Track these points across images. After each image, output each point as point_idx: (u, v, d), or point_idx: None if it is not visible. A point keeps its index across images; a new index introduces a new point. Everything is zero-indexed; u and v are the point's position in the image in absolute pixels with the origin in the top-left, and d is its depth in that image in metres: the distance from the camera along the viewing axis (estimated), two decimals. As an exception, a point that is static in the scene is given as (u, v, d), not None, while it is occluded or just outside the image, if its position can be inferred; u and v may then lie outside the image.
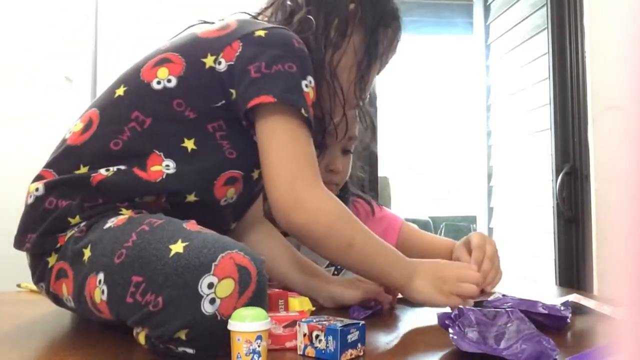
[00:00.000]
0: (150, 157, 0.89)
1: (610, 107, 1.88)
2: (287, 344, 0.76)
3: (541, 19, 2.53)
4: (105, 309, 0.77)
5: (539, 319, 0.84)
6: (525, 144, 2.70)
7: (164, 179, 0.88)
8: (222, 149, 0.93)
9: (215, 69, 0.91)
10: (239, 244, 0.75)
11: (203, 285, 0.69)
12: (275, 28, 0.95)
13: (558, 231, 2.40)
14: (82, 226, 0.85)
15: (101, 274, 0.77)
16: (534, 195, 2.62)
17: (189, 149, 0.91)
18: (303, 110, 0.89)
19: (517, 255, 2.68)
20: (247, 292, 0.71)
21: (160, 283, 0.71)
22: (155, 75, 0.92)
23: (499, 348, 0.72)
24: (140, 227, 0.78)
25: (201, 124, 0.92)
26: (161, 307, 0.71)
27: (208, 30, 0.97)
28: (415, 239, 1.38)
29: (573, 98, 2.36)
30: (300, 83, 0.91)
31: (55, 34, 2.11)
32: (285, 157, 0.90)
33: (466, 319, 0.78)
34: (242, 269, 0.71)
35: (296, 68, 0.91)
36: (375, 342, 0.81)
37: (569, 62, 2.38)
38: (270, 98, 0.88)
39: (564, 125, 2.40)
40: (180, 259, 0.72)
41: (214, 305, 0.69)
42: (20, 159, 1.70)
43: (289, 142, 0.90)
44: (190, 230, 0.77)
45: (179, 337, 0.71)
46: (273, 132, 0.90)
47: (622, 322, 0.27)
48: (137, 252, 0.75)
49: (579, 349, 0.75)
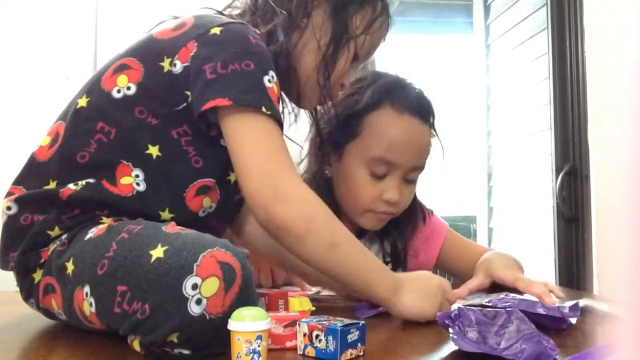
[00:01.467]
0: (118, 168, 0.87)
1: (610, 107, 1.88)
2: (287, 343, 0.76)
3: (541, 19, 2.53)
4: (96, 320, 0.78)
5: (538, 319, 0.84)
6: (525, 144, 2.70)
7: (134, 195, 0.87)
8: (187, 156, 0.90)
9: (172, 71, 0.88)
10: (220, 240, 0.74)
11: (187, 287, 0.69)
12: (231, 24, 0.91)
13: (558, 231, 2.40)
14: (63, 239, 0.84)
15: (87, 286, 0.77)
16: (534, 195, 2.62)
17: (154, 156, 0.88)
18: (264, 109, 0.86)
19: (517, 255, 2.67)
20: (233, 287, 0.70)
21: (145, 290, 0.71)
22: (115, 83, 0.90)
23: (499, 348, 0.72)
24: (119, 236, 0.78)
25: (165, 129, 0.89)
26: (148, 314, 0.70)
27: (164, 30, 0.93)
28: (459, 248, 1.34)
29: (573, 98, 2.36)
30: (260, 80, 0.87)
31: (55, 34, 2.11)
32: (256, 151, 0.86)
33: (466, 319, 0.78)
34: (225, 266, 0.70)
35: (254, 65, 0.87)
36: (376, 342, 0.81)
37: (569, 62, 2.38)
38: (225, 101, 0.84)
39: (564, 125, 2.40)
40: (162, 264, 0.71)
41: (201, 306, 0.69)
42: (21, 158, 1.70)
43: (256, 138, 0.87)
44: (169, 233, 0.76)
45: (171, 341, 0.71)
46: (238, 132, 0.87)
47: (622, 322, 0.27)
48: (119, 262, 0.75)
49: (579, 349, 0.75)
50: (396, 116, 1.19)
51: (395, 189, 1.19)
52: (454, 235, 1.37)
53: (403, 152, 1.19)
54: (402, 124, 1.19)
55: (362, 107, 1.21)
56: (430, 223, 1.35)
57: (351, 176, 1.21)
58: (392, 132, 1.19)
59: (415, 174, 1.23)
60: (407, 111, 1.20)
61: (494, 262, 1.17)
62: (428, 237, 1.34)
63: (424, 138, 1.22)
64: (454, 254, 1.33)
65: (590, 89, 2.14)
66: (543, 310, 0.87)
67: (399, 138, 1.19)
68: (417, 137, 1.21)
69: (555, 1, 2.44)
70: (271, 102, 0.87)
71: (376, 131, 1.19)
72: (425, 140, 1.23)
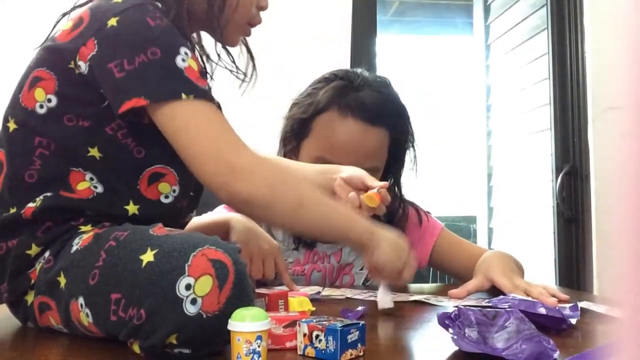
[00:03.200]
0: (71, 176, 0.86)
1: (610, 107, 1.88)
2: (287, 344, 0.76)
3: (541, 19, 2.53)
4: (94, 329, 0.77)
5: (538, 320, 0.84)
6: (525, 144, 2.70)
7: (95, 197, 0.86)
8: (128, 149, 0.88)
9: (81, 73, 0.85)
10: (210, 238, 0.74)
11: (180, 288, 0.69)
12: (127, 10, 0.85)
13: (558, 231, 2.40)
14: (47, 256, 0.83)
15: (80, 298, 0.77)
16: (534, 195, 2.62)
17: (97, 157, 0.87)
18: (184, 96, 0.82)
19: (517, 255, 2.67)
20: (227, 284, 0.70)
21: (139, 295, 0.71)
22: (35, 99, 0.87)
23: (499, 348, 0.72)
24: (107, 244, 0.77)
25: (98, 129, 0.87)
26: (145, 319, 0.70)
27: (64, 32, 0.89)
28: (454, 247, 1.36)
29: (573, 98, 2.36)
30: (172, 65, 0.83)
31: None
32: (196, 137, 0.84)
33: (466, 319, 0.78)
34: (217, 263, 0.70)
35: (160, 51, 0.82)
36: (375, 342, 0.81)
37: (569, 62, 2.38)
38: (142, 101, 0.81)
39: (564, 125, 2.40)
40: (153, 268, 0.71)
41: (196, 305, 0.69)
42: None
43: (190, 125, 0.84)
44: (157, 235, 0.76)
45: (170, 342, 0.71)
46: (170, 125, 0.84)
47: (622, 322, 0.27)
48: (110, 270, 0.75)
49: (579, 349, 0.75)
50: (340, 119, 1.22)
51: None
52: (448, 235, 1.38)
53: (343, 155, 1.21)
54: (344, 128, 1.22)
55: (313, 109, 1.25)
56: (425, 223, 1.37)
57: None
58: (334, 134, 1.22)
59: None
60: (351, 115, 1.22)
61: (494, 264, 1.17)
62: (421, 236, 1.36)
63: (368, 142, 1.23)
64: (448, 253, 1.35)
65: (590, 89, 2.14)
66: (543, 311, 0.87)
67: (339, 141, 1.22)
68: (359, 141, 1.22)
69: (555, 1, 2.44)
70: (191, 84, 0.83)
71: (321, 133, 1.24)
72: (370, 144, 1.24)
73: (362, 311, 0.95)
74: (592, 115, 2.13)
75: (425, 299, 1.09)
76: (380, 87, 1.29)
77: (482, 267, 1.18)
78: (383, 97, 1.27)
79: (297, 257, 1.33)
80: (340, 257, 1.33)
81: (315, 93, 1.27)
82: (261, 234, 1.20)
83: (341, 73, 1.31)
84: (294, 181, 0.89)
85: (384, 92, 1.28)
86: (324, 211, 0.90)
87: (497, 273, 1.13)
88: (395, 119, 1.28)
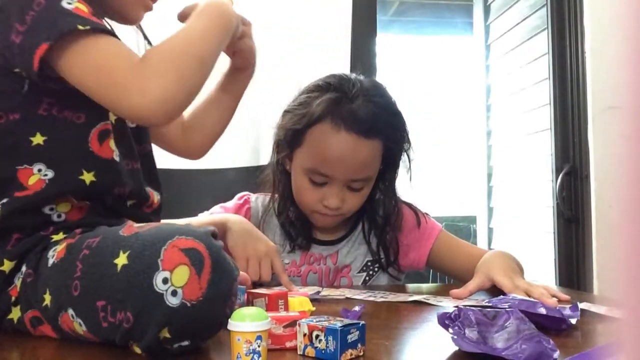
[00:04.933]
0: (19, 176, 0.86)
1: (610, 107, 1.88)
2: (287, 344, 0.76)
3: (541, 19, 2.54)
4: (91, 336, 0.78)
5: (538, 320, 0.84)
6: (525, 144, 2.70)
7: (48, 185, 0.86)
8: (69, 120, 0.88)
9: None
10: (180, 228, 0.75)
11: (158, 283, 0.70)
12: None
13: (558, 231, 2.40)
14: (25, 271, 0.83)
15: (70, 309, 0.77)
16: (534, 195, 2.62)
17: (42, 142, 0.86)
18: (80, 26, 0.80)
19: (517, 255, 2.68)
20: (204, 268, 0.70)
21: (121, 299, 0.72)
22: None
23: (499, 348, 0.72)
24: (81, 254, 0.78)
25: (32, 116, 0.87)
26: (133, 320, 0.71)
27: None
28: (452, 248, 1.36)
29: (573, 98, 2.36)
30: (58, 8, 0.82)
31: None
32: (102, 74, 0.82)
33: (466, 319, 0.78)
34: (190, 251, 0.71)
35: (44, 0, 0.82)
36: (375, 342, 0.81)
37: (569, 62, 2.38)
38: (44, 46, 0.80)
39: (564, 125, 2.40)
40: (129, 270, 0.72)
41: (178, 296, 0.69)
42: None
43: (90, 63, 0.82)
44: (127, 236, 0.76)
45: (165, 337, 0.71)
46: (76, 67, 0.82)
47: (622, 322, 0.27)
48: (89, 279, 0.75)
49: (579, 349, 0.75)
50: (332, 132, 1.22)
51: (335, 196, 1.24)
52: (447, 236, 1.38)
53: (336, 167, 1.22)
54: (336, 140, 1.22)
55: (307, 120, 1.24)
56: (423, 225, 1.37)
57: (296, 180, 1.28)
58: (327, 147, 1.23)
59: (358, 184, 1.25)
60: (344, 127, 1.22)
61: (495, 264, 1.18)
62: (420, 238, 1.36)
63: (360, 155, 1.23)
64: (446, 254, 1.35)
65: (590, 89, 2.14)
66: (543, 311, 0.87)
67: (332, 154, 1.22)
68: (351, 154, 1.22)
69: (555, 1, 2.44)
70: (84, 18, 0.82)
71: (313, 144, 1.24)
72: (362, 157, 1.23)
73: (361, 310, 0.95)
74: (592, 115, 2.13)
75: (425, 299, 1.09)
76: (375, 95, 1.27)
77: (483, 266, 1.18)
78: (377, 108, 1.25)
79: (294, 259, 1.34)
80: (336, 260, 1.33)
81: (309, 103, 1.26)
82: (258, 236, 1.20)
83: (335, 82, 1.28)
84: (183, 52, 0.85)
85: (379, 102, 1.26)
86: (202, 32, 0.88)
87: (497, 272, 1.13)
88: (389, 129, 1.27)
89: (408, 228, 1.36)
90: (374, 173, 1.29)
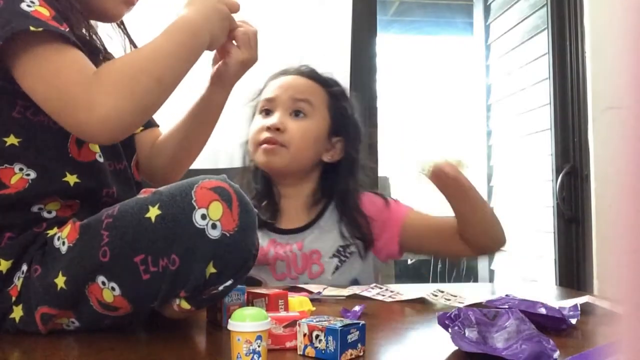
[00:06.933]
0: (1, 175, 0.86)
1: (610, 107, 1.88)
2: (287, 344, 0.76)
3: (541, 19, 2.53)
4: (122, 302, 0.78)
5: (538, 320, 0.84)
6: (525, 144, 2.70)
7: (32, 184, 0.86)
8: (45, 124, 0.87)
9: None
10: (199, 176, 0.78)
11: (197, 219, 0.74)
12: None
13: (558, 231, 2.40)
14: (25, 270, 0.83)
15: (99, 277, 0.77)
16: (534, 195, 2.62)
17: (17, 143, 0.87)
18: (32, 27, 0.79)
19: (517, 255, 2.68)
20: (234, 202, 0.76)
21: (163, 246, 0.75)
22: None
23: (499, 348, 0.72)
24: (103, 224, 0.78)
25: (5, 117, 0.87)
26: (179, 261, 0.74)
27: None
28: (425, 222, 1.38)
29: (573, 98, 2.36)
30: (16, 9, 0.81)
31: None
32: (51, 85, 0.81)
33: (466, 319, 0.78)
34: (218, 189, 0.76)
35: (3, 1, 0.82)
36: (375, 342, 0.81)
37: (569, 62, 2.38)
38: None
39: (564, 125, 2.40)
40: (164, 217, 0.75)
41: (217, 229, 0.75)
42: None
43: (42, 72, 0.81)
44: (148, 196, 0.79)
45: (211, 274, 0.74)
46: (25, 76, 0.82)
47: (622, 321, 0.27)
48: (121, 240, 0.76)
49: (579, 349, 0.75)
50: (278, 74, 1.42)
51: (276, 118, 1.34)
52: (416, 214, 1.39)
53: (276, 89, 1.37)
54: (281, 76, 1.41)
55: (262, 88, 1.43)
56: (392, 206, 1.39)
57: (253, 126, 1.39)
58: (272, 81, 1.41)
59: (300, 105, 1.35)
60: (287, 72, 1.42)
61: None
62: (386, 221, 1.37)
63: (297, 81, 1.39)
64: (418, 229, 1.36)
65: (590, 89, 2.14)
66: (543, 311, 0.87)
67: (275, 81, 1.40)
68: (292, 80, 1.38)
69: (555, 1, 2.44)
70: (39, 20, 0.81)
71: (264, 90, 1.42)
72: (299, 82, 1.38)
73: (361, 310, 0.95)
74: (592, 115, 2.13)
75: (432, 295, 1.10)
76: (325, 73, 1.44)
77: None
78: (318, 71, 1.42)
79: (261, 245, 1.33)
80: (302, 246, 1.33)
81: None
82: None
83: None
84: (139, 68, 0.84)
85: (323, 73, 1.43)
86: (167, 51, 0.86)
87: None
88: (331, 84, 1.41)
89: (378, 209, 1.38)
90: (316, 102, 1.36)
